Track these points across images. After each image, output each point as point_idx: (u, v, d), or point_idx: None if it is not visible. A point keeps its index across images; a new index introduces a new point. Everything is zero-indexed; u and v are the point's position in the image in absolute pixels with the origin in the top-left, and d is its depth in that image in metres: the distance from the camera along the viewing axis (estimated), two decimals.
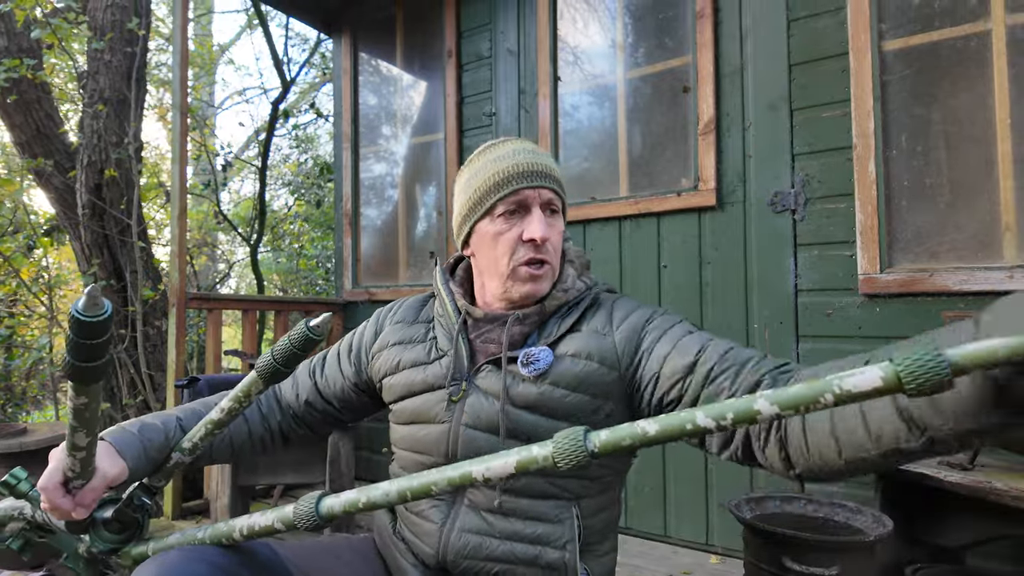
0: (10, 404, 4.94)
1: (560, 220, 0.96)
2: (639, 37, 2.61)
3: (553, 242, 0.93)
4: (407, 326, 1.04)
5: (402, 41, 3.37)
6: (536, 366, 0.89)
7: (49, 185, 3.68)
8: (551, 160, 0.97)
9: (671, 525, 2.33)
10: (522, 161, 0.92)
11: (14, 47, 3.52)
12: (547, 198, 0.93)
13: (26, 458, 2.75)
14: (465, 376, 0.94)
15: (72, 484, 0.77)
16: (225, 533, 0.79)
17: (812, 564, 1.31)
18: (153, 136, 12.70)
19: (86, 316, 0.60)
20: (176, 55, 2.79)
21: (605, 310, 0.95)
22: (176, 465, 0.87)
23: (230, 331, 8.37)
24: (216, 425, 0.82)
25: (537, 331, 0.95)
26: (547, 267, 0.93)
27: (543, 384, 0.89)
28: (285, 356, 0.74)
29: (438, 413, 0.94)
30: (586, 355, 0.89)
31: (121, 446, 0.84)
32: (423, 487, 0.65)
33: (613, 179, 2.59)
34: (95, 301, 0.60)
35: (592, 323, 0.93)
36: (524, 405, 0.89)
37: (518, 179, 0.91)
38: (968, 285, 1.83)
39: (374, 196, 3.53)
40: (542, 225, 0.91)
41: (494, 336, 0.95)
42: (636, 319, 0.92)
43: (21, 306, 4.95)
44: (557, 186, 0.94)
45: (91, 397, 0.69)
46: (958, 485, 1.38)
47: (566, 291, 0.95)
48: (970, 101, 1.91)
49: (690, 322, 0.92)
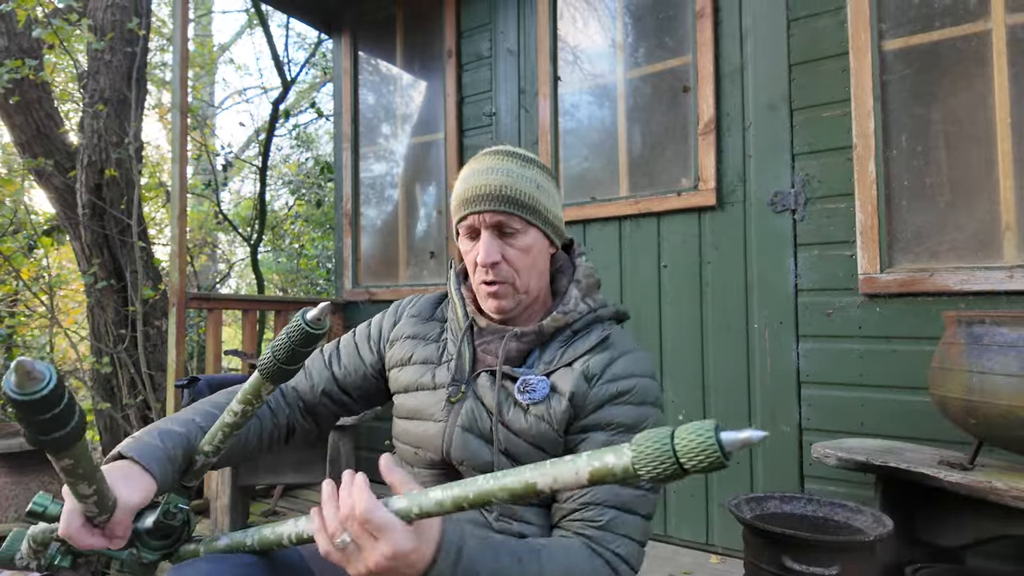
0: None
1: (523, 238, 0.94)
2: (639, 37, 2.61)
3: (511, 261, 0.93)
4: (422, 322, 1.07)
5: (402, 41, 3.37)
6: (532, 396, 0.91)
7: (49, 185, 3.68)
8: (516, 179, 0.93)
9: (671, 525, 2.33)
10: (473, 184, 0.94)
11: (15, 47, 3.52)
12: (494, 221, 0.93)
13: (26, 458, 2.76)
14: (465, 380, 0.96)
15: (97, 520, 0.73)
16: (272, 541, 0.77)
17: (812, 564, 1.30)
18: (153, 136, 12.70)
19: (21, 395, 0.52)
20: (176, 55, 2.79)
21: (606, 354, 0.93)
22: (203, 467, 0.85)
23: (230, 331, 8.37)
24: (232, 427, 0.80)
25: (539, 350, 0.96)
26: (502, 286, 0.94)
27: (531, 416, 0.91)
28: (287, 354, 0.71)
29: (436, 412, 0.96)
30: (569, 396, 0.90)
31: (146, 460, 0.80)
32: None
33: (613, 179, 2.59)
34: (29, 374, 0.51)
35: (589, 366, 0.92)
36: (515, 431, 0.91)
37: (466, 204, 0.94)
38: (968, 285, 1.83)
39: (374, 196, 3.53)
40: (485, 250, 0.92)
41: (492, 348, 0.97)
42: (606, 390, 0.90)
43: (21, 306, 4.95)
44: (509, 206, 0.92)
45: (77, 456, 0.63)
46: (958, 485, 1.38)
47: (566, 313, 0.96)
48: (970, 101, 1.91)
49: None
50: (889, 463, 1.51)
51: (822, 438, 2.00)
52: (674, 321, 2.37)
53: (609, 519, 0.84)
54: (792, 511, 1.57)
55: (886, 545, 1.56)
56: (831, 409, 2.06)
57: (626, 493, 0.85)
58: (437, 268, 3.20)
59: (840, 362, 2.05)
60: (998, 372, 1.34)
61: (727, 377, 2.25)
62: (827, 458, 1.65)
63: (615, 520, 0.84)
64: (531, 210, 0.94)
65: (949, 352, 1.47)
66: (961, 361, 1.43)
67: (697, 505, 2.27)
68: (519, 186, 0.93)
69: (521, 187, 0.93)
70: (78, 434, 0.59)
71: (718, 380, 2.27)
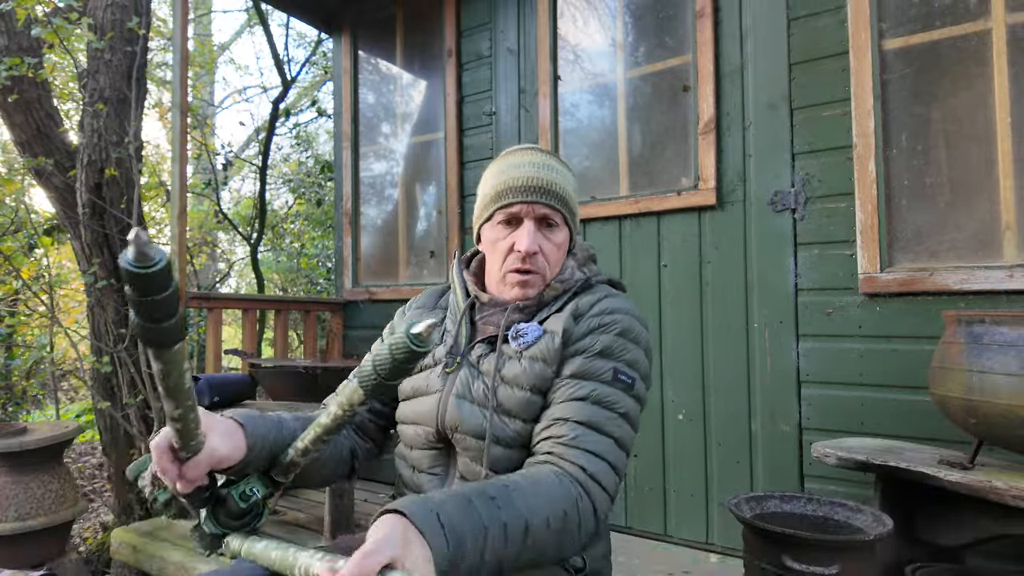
0: (10, 403, 4.94)
1: (559, 233, 1.01)
2: (639, 36, 2.61)
3: (546, 254, 1.00)
4: (427, 311, 1.11)
5: (402, 40, 3.37)
6: (524, 340, 0.96)
7: (49, 184, 3.68)
8: (559, 175, 1.00)
9: (671, 524, 2.33)
10: (523, 175, 0.99)
11: (14, 46, 3.52)
12: (541, 213, 0.99)
13: (26, 457, 2.76)
14: (460, 352, 1.00)
15: (180, 454, 0.73)
16: (289, 564, 0.73)
17: (812, 563, 1.30)
18: (153, 135, 12.69)
19: (135, 267, 0.52)
20: (176, 55, 2.79)
21: (594, 296, 1.00)
22: (291, 465, 0.83)
23: (230, 330, 8.37)
24: (326, 431, 0.78)
25: (533, 317, 1.02)
26: (534, 276, 0.99)
27: (525, 360, 0.95)
28: (390, 370, 0.70)
29: (432, 383, 1.00)
30: (561, 332, 0.95)
31: (247, 423, 0.81)
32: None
33: (613, 178, 2.59)
34: (142, 249, 0.51)
35: (578, 305, 0.99)
36: (510, 381, 0.94)
37: (515, 193, 0.98)
38: (968, 284, 1.83)
39: (374, 195, 3.53)
40: (529, 238, 0.97)
41: (494, 319, 1.01)
42: (589, 323, 0.96)
43: (21, 305, 4.95)
44: (555, 201, 0.99)
45: (169, 362, 0.61)
46: (958, 484, 1.38)
47: (563, 282, 1.02)
48: (970, 100, 1.91)
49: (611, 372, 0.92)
50: (889, 462, 1.51)
51: (822, 437, 2.00)
52: (674, 320, 2.37)
53: (576, 435, 0.86)
54: (792, 510, 1.57)
55: (886, 544, 1.56)
56: (831, 408, 2.06)
57: (594, 412, 0.88)
58: (437, 267, 3.20)
59: (840, 361, 2.05)
60: (998, 371, 1.34)
61: (727, 376, 2.25)
62: (827, 457, 1.65)
63: (582, 436, 0.86)
64: (570, 209, 1.02)
65: (949, 351, 1.47)
66: (961, 360, 1.43)
67: (697, 504, 2.28)
68: (564, 184, 1.01)
69: (565, 185, 1.01)
70: (177, 332, 0.58)
71: (718, 379, 2.27)
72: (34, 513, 2.72)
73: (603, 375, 0.91)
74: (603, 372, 0.91)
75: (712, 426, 2.27)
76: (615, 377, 0.91)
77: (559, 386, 0.92)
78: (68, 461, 4.31)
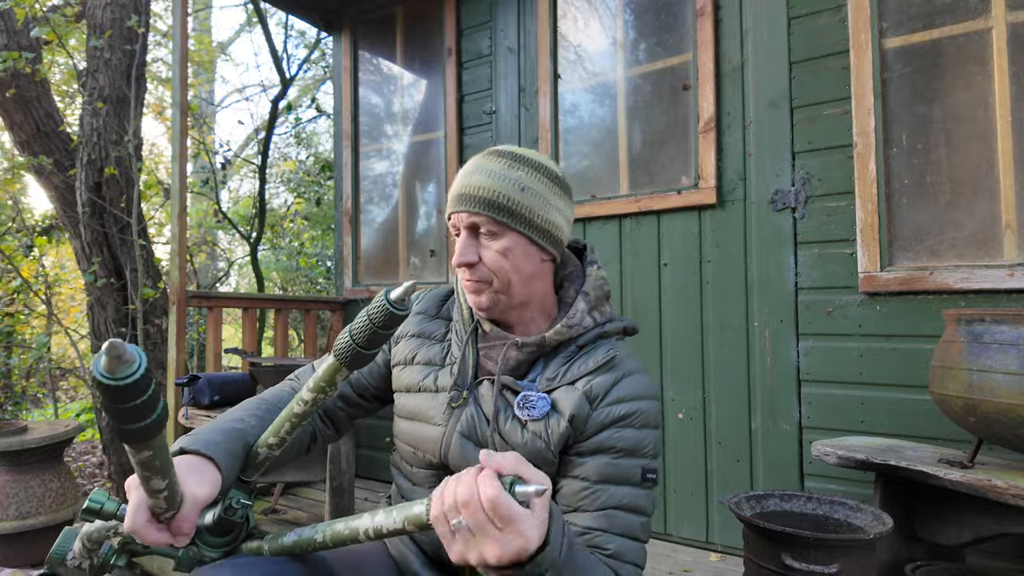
0: (10, 402, 4.94)
1: (499, 241, 0.90)
2: (639, 35, 2.60)
3: (488, 263, 0.91)
4: (428, 319, 1.06)
5: (402, 39, 3.37)
6: (531, 413, 0.90)
7: (49, 183, 3.68)
8: (496, 178, 0.91)
9: (671, 523, 2.33)
10: (457, 184, 0.94)
11: (13, 45, 3.52)
12: (469, 222, 0.91)
13: (27, 456, 2.76)
14: (467, 386, 0.96)
15: (163, 517, 0.71)
16: (347, 536, 0.72)
17: (812, 562, 1.31)
18: (152, 134, 12.68)
19: (111, 380, 0.49)
20: (176, 53, 2.78)
21: (611, 376, 0.91)
22: (265, 460, 0.82)
23: (230, 329, 8.37)
24: (300, 417, 0.77)
25: (543, 363, 0.95)
26: (479, 284, 0.92)
27: (528, 432, 0.90)
28: (367, 336, 0.67)
29: (436, 416, 0.96)
30: (569, 417, 0.89)
31: (211, 453, 0.78)
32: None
33: (613, 177, 2.59)
34: (119, 358, 0.48)
35: (592, 386, 0.90)
36: (511, 444, 0.91)
37: (450, 203, 0.95)
38: (968, 283, 1.83)
39: (374, 194, 3.52)
40: (459, 250, 0.92)
41: (494, 355, 0.96)
42: (608, 413, 0.89)
43: (20, 304, 4.95)
44: (481, 208, 0.90)
45: (157, 448, 0.60)
46: (958, 483, 1.38)
47: (571, 327, 0.94)
48: (970, 99, 1.91)
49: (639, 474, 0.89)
50: (889, 461, 1.52)
51: (822, 436, 2.00)
52: (674, 319, 2.37)
53: (617, 548, 0.84)
54: (792, 509, 1.57)
55: (886, 543, 1.56)
56: (831, 407, 2.06)
57: (629, 523, 0.85)
58: (437, 266, 3.20)
59: (840, 360, 2.05)
60: (998, 370, 1.35)
61: (727, 375, 2.25)
62: (827, 456, 1.65)
63: (622, 550, 0.85)
64: (508, 212, 0.90)
65: (949, 350, 1.47)
66: (961, 359, 1.43)
67: (697, 503, 2.28)
68: (498, 188, 0.90)
69: (500, 189, 0.90)
70: (161, 424, 0.56)
71: (718, 378, 2.27)
72: (34, 512, 2.73)
73: (632, 478, 0.87)
74: (632, 475, 0.87)
75: (712, 425, 2.27)
76: (643, 478, 0.88)
77: (585, 490, 0.87)
78: (68, 460, 4.31)
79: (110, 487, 3.70)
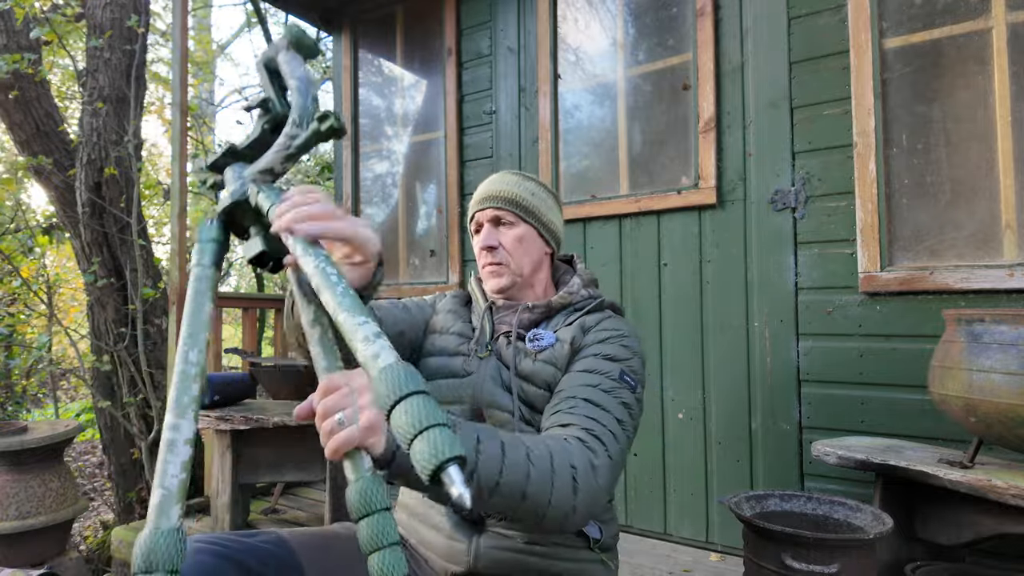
0: (10, 402, 4.94)
1: (515, 229, 1.16)
2: (639, 35, 2.60)
3: (505, 246, 1.16)
4: (460, 303, 1.26)
5: (402, 39, 3.37)
6: (539, 344, 1.09)
7: (49, 183, 3.68)
8: (512, 185, 1.18)
9: (671, 523, 2.33)
10: (480, 191, 1.20)
11: (13, 45, 3.52)
12: (490, 216, 1.17)
13: (27, 455, 2.76)
14: (488, 343, 1.15)
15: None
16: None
17: (812, 562, 1.31)
18: (151, 134, 12.67)
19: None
20: (176, 54, 2.78)
21: (600, 315, 1.13)
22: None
23: (230, 329, 8.38)
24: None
25: (546, 322, 1.16)
26: (500, 266, 1.16)
27: (539, 362, 1.07)
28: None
29: (463, 368, 1.12)
30: (570, 341, 1.08)
31: None
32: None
33: (613, 177, 2.59)
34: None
35: (585, 320, 1.12)
36: (526, 377, 1.07)
37: (474, 205, 1.21)
38: (968, 283, 1.83)
39: (374, 194, 3.52)
40: (484, 236, 1.17)
41: (507, 319, 1.16)
42: (598, 335, 1.08)
43: (21, 304, 4.95)
44: (503, 204, 1.16)
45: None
46: (958, 483, 1.38)
47: (571, 294, 1.17)
48: (970, 99, 1.91)
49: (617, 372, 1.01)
50: (889, 461, 1.52)
51: (822, 436, 2.00)
52: (674, 319, 2.37)
53: (579, 406, 0.95)
54: (792, 509, 1.57)
55: (886, 543, 1.56)
56: (831, 407, 2.06)
57: (600, 395, 0.97)
58: (437, 266, 3.20)
59: (840, 360, 2.05)
60: (998, 370, 1.35)
61: (727, 375, 2.25)
62: (827, 456, 1.65)
63: (583, 408, 0.94)
64: (523, 208, 1.17)
65: (949, 350, 1.47)
66: (961, 359, 1.43)
67: (697, 503, 2.28)
68: (514, 191, 1.18)
69: (516, 192, 1.18)
70: None
71: (718, 378, 2.27)
72: (35, 512, 2.73)
73: (610, 373, 1.01)
74: (610, 371, 1.01)
75: (712, 425, 2.27)
76: (621, 376, 1.01)
77: (568, 375, 1.03)
78: (68, 460, 4.31)
79: (110, 487, 3.70)
